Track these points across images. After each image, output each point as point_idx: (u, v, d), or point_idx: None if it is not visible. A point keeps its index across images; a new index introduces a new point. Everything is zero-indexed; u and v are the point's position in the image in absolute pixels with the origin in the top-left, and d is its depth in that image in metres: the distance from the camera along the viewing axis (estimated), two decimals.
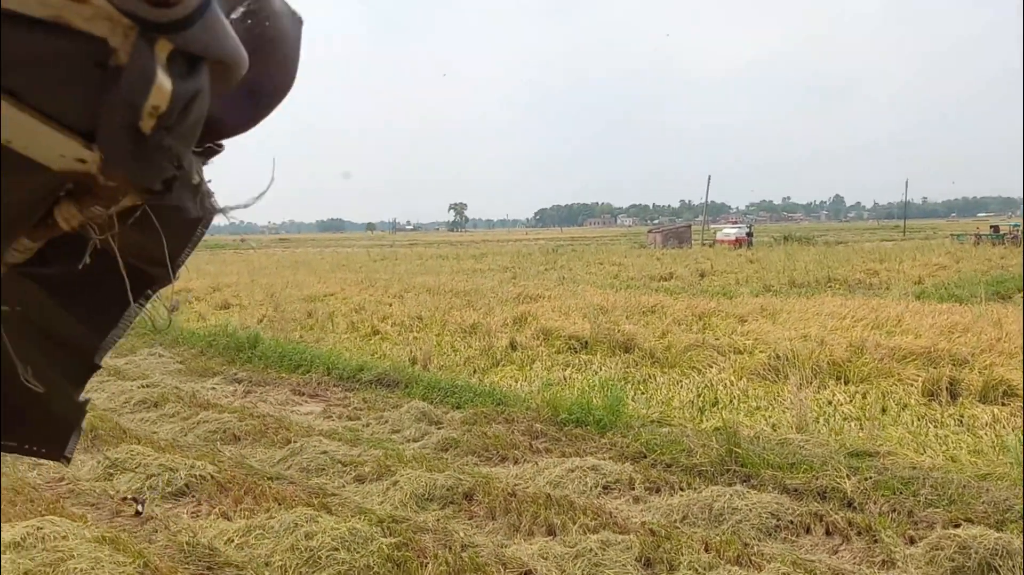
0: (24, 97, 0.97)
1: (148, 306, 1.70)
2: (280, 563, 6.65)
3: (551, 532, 7.49)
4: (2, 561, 6.60)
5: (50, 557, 6.52)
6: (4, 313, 1.86)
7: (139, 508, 6.79)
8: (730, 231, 76.61)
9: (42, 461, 8.92)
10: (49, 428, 2.18)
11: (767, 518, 7.57)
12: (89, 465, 9.51)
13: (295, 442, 10.25)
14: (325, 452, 9.71)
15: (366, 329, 19.87)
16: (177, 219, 1.33)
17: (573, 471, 8.98)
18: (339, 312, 22.73)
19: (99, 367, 1.85)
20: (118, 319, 1.69)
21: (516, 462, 9.73)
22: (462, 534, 7.43)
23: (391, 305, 24.14)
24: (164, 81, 0.87)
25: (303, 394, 13.82)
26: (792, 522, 7.55)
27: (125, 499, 6.80)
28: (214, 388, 14.25)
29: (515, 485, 8.68)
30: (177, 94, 0.90)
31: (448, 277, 34.92)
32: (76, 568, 6.31)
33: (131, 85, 0.87)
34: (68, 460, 2.27)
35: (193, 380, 14.81)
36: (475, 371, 15.04)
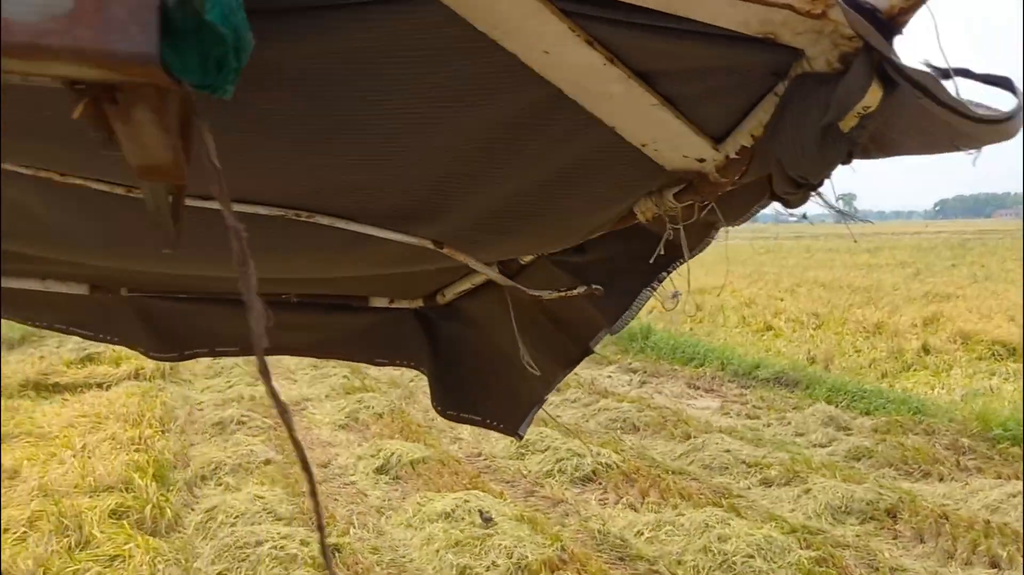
0: (679, 103, 1.07)
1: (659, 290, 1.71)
2: (692, 563, 6.48)
3: (995, 565, 6.59)
4: (435, 529, 7.12)
5: (478, 531, 6.91)
6: (521, 299, 1.89)
7: (485, 518, 7.09)
8: None
9: (462, 436, 9.56)
10: (511, 407, 2.37)
11: None
12: (503, 444, 10.05)
13: (695, 437, 10.08)
14: (728, 450, 9.42)
15: (758, 324, 19.25)
16: (733, 203, 1.37)
17: (1015, 496, 7.86)
18: (728, 306, 22.27)
19: (592, 352, 1.93)
20: (631, 303, 1.74)
21: (941, 479, 8.76)
22: (887, 555, 6.79)
23: (782, 300, 23.23)
24: (877, 87, 0.92)
25: (698, 388, 13.65)
26: None
27: (481, 512, 7.20)
28: (610, 376, 14.55)
29: (943, 506, 7.79)
30: (884, 98, 0.94)
31: (842, 271, 32.96)
32: (501, 544, 6.62)
33: (849, 88, 0.92)
34: (521, 437, 2.37)
35: (590, 367, 15.21)
36: (883, 375, 13.89)
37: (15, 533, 6.79)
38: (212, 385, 13.50)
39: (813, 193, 1.14)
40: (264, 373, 0.65)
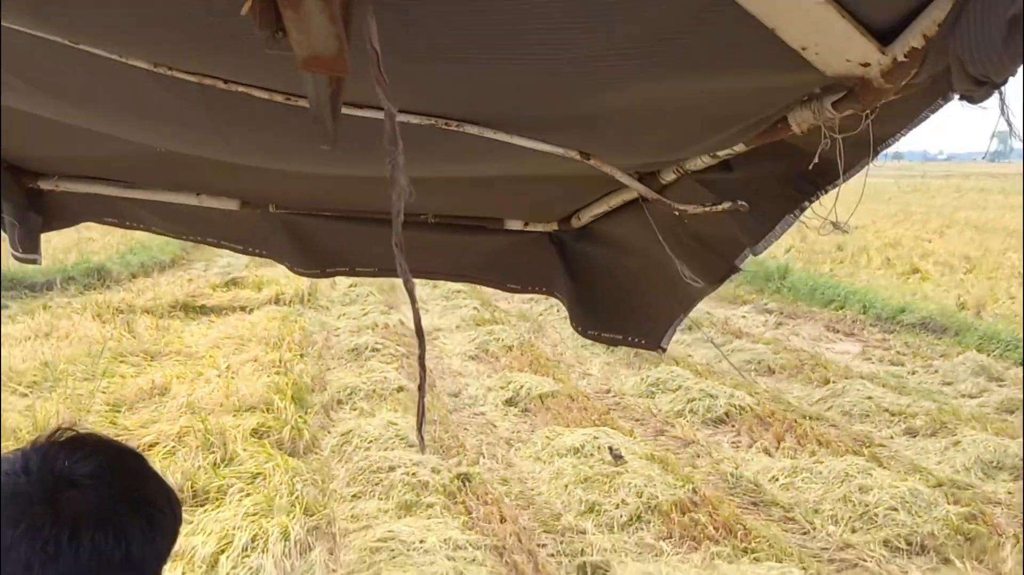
0: (845, 2, 0.99)
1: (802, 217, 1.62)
2: (831, 513, 6.26)
3: None
4: (564, 464, 7.11)
5: (607, 468, 6.86)
6: (663, 218, 1.88)
7: (616, 455, 6.99)
8: None
9: (591, 372, 9.51)
10: (652, 324, 2.35)
11: None
12: (632, 381, 9.96)
13: (834, 382, 9.73)
14: (869, 397, 9.03)
15: (904, 266, 18.37)
16: (895, 114, 1.27)
17: None
18: (872, 246, 21.35)
19: (739, 269, 1.84)
20: (774, 226, 1.63)
21: None
22: None
23: (930, 241, 22.13)
24: None
25: (837, 331, 13.17)
26: None
27: (611, 449, 7.10)
28: (744, 317, 14.20)
29: None
30: None
31: (995, 213, 31.04)
32: (631, 482, 6.55)
33: None
34: (664, 350, 2.39)
35: (724, 307, 14.88)
36: None
37: (165, 447, 7.15)
38: (348, 312, 13.87)
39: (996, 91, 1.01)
40: (399, 247, 0.67)
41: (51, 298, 14.76)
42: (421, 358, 0.68)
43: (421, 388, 0.73)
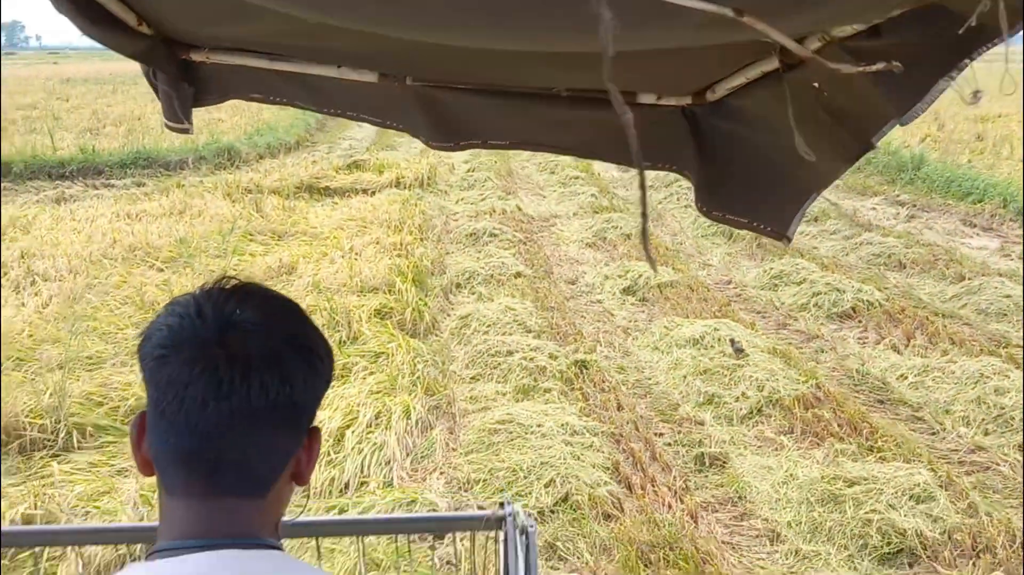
0: None
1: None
2: (962, 414, 6.03)
3: None
4: (683, 355, 7.04)
5: (727, 361, 6.76)
6: (800, 92, 1.74)
7: (737, 347, 6.82)
8: None
9: (711, 262, 9.31)
10: (780, 208, 2.20)
11: None
12: (754, 273, 9.72)
13: (969, 279, 9.26)
14: (1008, 296, 8.57)
15: None
16: None
17: None
18: (1015, 136, 19.98)
19: (874, 147, 1.71)
20: (925, 93, 1.49)
21: None
22: None
23: None
24: None
25: (974, 226, 12.47)
26: None
27: (732, 341, 6.93)
28: (874, 209, 13.60)
29: None
30: None
31: None
32: (752, 375, 6.45)
33: None
34: (789, 240, 2.25)
35: (852, 198, 14.28)
36: None
37: None
38: (466, 197, 13.91)
39: None
40: (610, 81, 0.62)
41: (184, 176, 15.31)
42: (638, 161, 0.63)
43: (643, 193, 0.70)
